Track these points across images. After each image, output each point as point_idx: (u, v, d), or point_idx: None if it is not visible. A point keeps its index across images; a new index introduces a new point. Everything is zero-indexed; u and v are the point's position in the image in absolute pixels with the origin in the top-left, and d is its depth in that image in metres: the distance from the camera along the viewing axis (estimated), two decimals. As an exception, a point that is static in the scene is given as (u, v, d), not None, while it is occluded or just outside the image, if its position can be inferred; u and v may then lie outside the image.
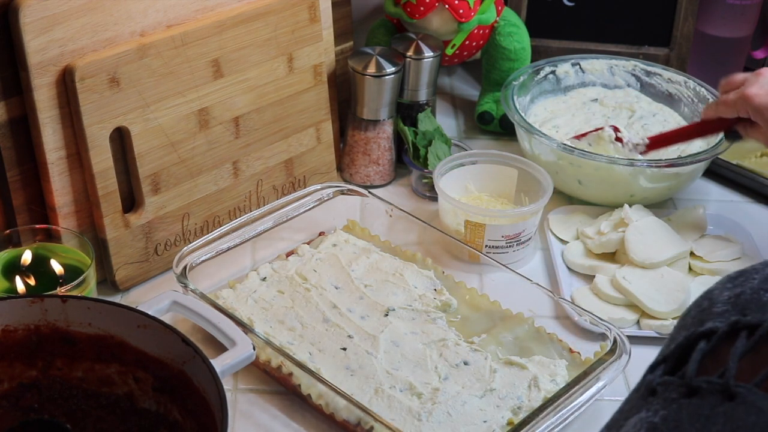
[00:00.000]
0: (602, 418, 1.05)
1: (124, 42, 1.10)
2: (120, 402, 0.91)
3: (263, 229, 1.20)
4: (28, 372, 0.91)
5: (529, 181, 1.29)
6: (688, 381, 0.54)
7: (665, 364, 0.58)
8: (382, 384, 1.02)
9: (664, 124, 1.42)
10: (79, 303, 0.89)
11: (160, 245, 1.18)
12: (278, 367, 1.03)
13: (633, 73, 1.50)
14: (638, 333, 1.14)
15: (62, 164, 1.09)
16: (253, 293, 1.13)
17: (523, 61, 1.49)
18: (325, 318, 1.10)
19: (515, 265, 1.21)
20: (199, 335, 1.02)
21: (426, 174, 1.35)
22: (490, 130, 1.51)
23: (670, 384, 0.55)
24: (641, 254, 1.20)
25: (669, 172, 1.30)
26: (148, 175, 1.14)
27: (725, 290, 0.61)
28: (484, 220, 1.22)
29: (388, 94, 1.34)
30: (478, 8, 1.42)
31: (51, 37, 1.04)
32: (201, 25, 1.15)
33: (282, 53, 1.24)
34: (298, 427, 1.02)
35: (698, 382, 0.54)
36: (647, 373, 0.60)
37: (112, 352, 0.89)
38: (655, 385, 0.56)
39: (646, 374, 0.60)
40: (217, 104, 1.19)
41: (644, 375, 0.60)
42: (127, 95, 1.10)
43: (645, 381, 0.58)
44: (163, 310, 0.95)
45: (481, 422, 0.99)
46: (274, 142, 1.27)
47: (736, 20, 1.57)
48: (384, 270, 1.18)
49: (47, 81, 1.05)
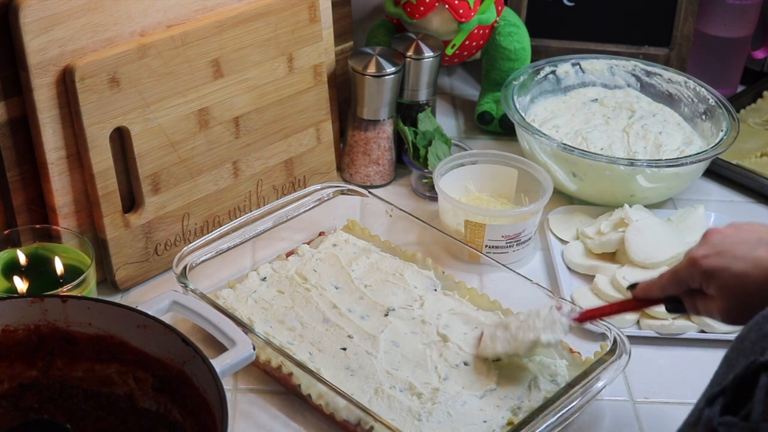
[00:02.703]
0: (602, 418, 1.05)
1: (124, 42, 1.10)
2: (120, 402, 0.91)
3: (263, 229, 1.20)
4: (28, 372, 0.91)
5: (529, 181, 1.29)
6: (754, 426, 0.51)
7: (724, 398, 0.55)
8: (382, 384, 1.02)
9: (664, 124, 1.42)
10: (79, 303, 0.89)
11: (160, 245, 1.18)
12: (278, 367, 1.03)
13: (633, 73, 1.50)
14: (638, 333, 1.14)
15: (62, 164, 1.09)
16: (253, 293, 1.13)
17: (523, 61, 1.49)
18: (325, 318, 1.10)
19: (515, 265, 1.21)
20: (199, 335, 1.02)
21: (426, 174, 1.35)
22: (490, 130, 1.51)
23: (734, 426, 0.52)
24: (641, 254, 1.20)
25: (669, 172, 1.30)
26: (148, 175, 1.14)
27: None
28: (484, 220, 1.22)
29: (388, 94, 1.34)
30: (478, 8, 1.42)
31: (51, 37, 1.04)
32: (201, 25, 1.15)
33: (282, 53, 1.24)
34: (298, 427, 1.02)
35: (766, 429, 0.51)
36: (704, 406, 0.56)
37: (112, 352, 0.89)
38: (716, 425, 0.53)
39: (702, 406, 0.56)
40: (217, 104, 1.19)
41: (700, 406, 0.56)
42: (127, 95, 1.10)
43: (704, 417, 0.55)
44: (163, 310, 0.95)
45: (481, 422, 0.99)
46: (274, 142, 1.27)
47: (736, 20, 1.57)
48: (384, 270, 1.18)
49: (47, 81, 1.05)
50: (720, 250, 0.88)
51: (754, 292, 0.86)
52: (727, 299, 0.88)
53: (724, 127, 1.36)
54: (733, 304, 0.88)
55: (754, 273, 0.85)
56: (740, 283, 0.86)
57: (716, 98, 1.42)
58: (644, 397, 1.08)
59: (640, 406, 1.07)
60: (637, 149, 1.36)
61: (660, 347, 1.14)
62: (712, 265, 0.88)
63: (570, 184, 1.34)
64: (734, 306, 0.88)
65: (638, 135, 1.39)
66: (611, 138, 1.38)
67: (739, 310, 0.88)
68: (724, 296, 0.88)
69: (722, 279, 0.87)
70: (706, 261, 0.88)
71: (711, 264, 0.88)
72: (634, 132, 1.39)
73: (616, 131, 1.40)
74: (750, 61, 1.64)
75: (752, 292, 0.86)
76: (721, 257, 0.88)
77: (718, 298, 0.88)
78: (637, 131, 1.40)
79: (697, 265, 0.89)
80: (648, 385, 1.10)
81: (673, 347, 1.14)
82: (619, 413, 1.06)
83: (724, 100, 1.41)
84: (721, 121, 1.38)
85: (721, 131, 1.36)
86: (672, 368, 1.12)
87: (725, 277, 0.87)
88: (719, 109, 1.40)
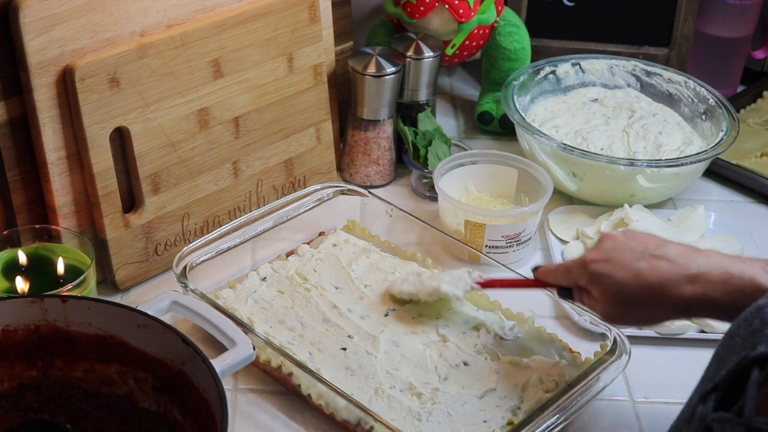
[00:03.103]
0: (602, 418, 1.05)
1: (124, 42, 1.10)
2: (120, 402, 0.91)
3: (263, 229, 1.20)
4: (28, 372, 0.91)
5: (529, 181, 1.29)
6: (748, 421, 0.51)
7: (717, 394, 0.55)
8: (382, 384, 1.02)
9: (664, 124, 1.42)
10: (79, 303, 0.89)
11: (160, 245, 1.18)
12: (278, 367, 1.03)
13: (633, 73, 1.50)
14: (638, 333, 1.14)
15: (62, 164, 1.09)
16: (253, 293, 1.13)
17: (523, 61, 1.49)
18: (325, 318, 1.10)
19: (515, 265, 1.21)
20: (199, 335, 1.02)
21: (426, 174, 1.35)
22: (490, 130, 1.51)
23: (727, 422, 0.52)
24: (641, 254, 1.20)
25: (669, 172, 1.30)
26: (148, 175, 1.14)
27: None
28: (484, 220, 1.22)
29: (388, 94, 1.34)
30: (478, 8, 1.42)
31: (51, 37, 1.04)
32: (201, 25, 1.15)
33: (282, 53, 1.24)
34: (298, 427, 1.02)
35: (759, 423, 0.51)
36: (698, 402, 0.57)
37: (112, 352, 0.89)
38: (710, 422, 0.53)
39: (696, 402, 0.57)
40: (217, 104, 1.19)
41: (693, 402, 0.57)
42: (127, 95, 1.10)
43: (697, 413, 0.55)
44: (163, 310, 0.95)
45: (481, 422, 0.99)
46: (274, 142, 1.27)
47: (736, 20, 1.57)
48: (384, 270, 1.18)
49: (47, 81, 1.05)
50: (608, 257, 0.94)
51: (632, 301, 0.92)
52: (607, 302, 0.94)
53: (724, 127, 1.36)
54: (612, 307, 0.94)
55: (632, 283, 0.91)
56: (620, 291, 0.92)
57: (716, 98, 1.42)
58: (644, 397, 1.08)
59: (640, 406, 1.07)
60: (637, 149, 1.36)
61: (660, 347, 1.14)
62: (599, 270, 0.94)
63: (570, 184, 1.34)
64: (613, 309, 0.94)
65: (638, 135, 1.39)
66: (611, 138, 1.38)
67: (617, 313, 0.95)
68: (605, 299, 0.94)
69: (605, 284, 0.93)
70: (594, 265, 0.94)
71: (597, 269, 0.94)
72: (634, 132, 1.39)
73: (616, 131, 1.40)
74: (750, 61, 1.64)
75: (630, 300, 0.92)
76: (608, 264, 0.93)
77: (600, 300, 0.95)
78: (637, 131, 1.40)
79: (586, 267, 0.95)
80: (648, 385, 1.10)
81: (673, 347, 1.14)
82: (619, 413, 1.06)
83: (724, 100, 1.41)
84: (721, 121, 1.38)
85: (721, 131, 1.36)
86: (672, 368, 1.12)
87: (608, 283, 0.93)
88: (719, 109, 1.40)
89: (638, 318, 0.96)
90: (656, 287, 0.90)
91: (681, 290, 0.89)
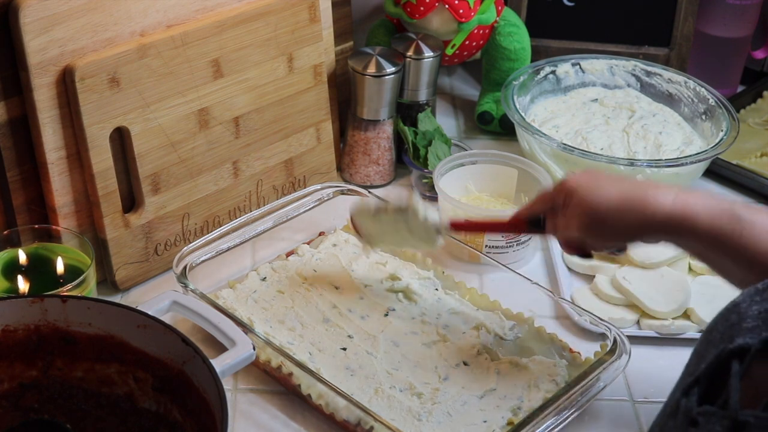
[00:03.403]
0: (602, 418, 1.05)
1: (124, 42, 1.10)
2: (120, 402, 0.91)
3: (263, 229, 1.20)
4: (28, 372, 0.91)
5: (529, 181, 1.29)
6: (733, 414, 0.51)
7: (699, 387, 0.55)
8: (382, 384, 1.02)
9: (664, 124, 1.42)
10: (79, 303, 0.89)
11: (160, 245, 1.18)
12: (278, 367, 1.03)
13: (633, 73, 1.50)
14: (638, 333, 1.14)
15: (62, 164, 1.09)
16: (253, 293, 1.13)
17: (523, 61, 1.49)
18: (325, 318, 1.10)
19: (515, 265, 1.21)
20: (199, 335, 1.02)
21: (426, 174, 1.35)
22: (490, 130, 1.51)
23: (713, 415, 0.52)
24: (641, 254, 1.20)
25: (669, 172, 1.30)
26: (148, 175, 1.14)
27: (754, 303, 0.58)
28: (484, 220, 1.22)
29: (388, 94, 1.34)
30: (478, 8, 1.42)
31: (51, 37, 1.04)
32: (201, 25, 1.15)
33: (282, 53, 1.24)
34: (298, 427, 1.02)
35: (744, 416, 0.51)
36: (680, 396, 0.57)
37: (112, 352, 0.89)
38: (695, 415, 0.53)
39: (678, 396, 0.57)
40: (217, 104, 1.19)
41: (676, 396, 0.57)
42: (127, 95, 1.10)
43: (681, 407, 0.55)
44: (163, 310, 0.95)
45: (481, 422, 0.99)
46: (274, 142, 1.27)
47: (736, 20, 1.57)
48: (384, 270, 1.18)
49: (47, 81, 1.05)
50: (588, 172, 0.97)
51: (610, 211, 0.93)
52: (583, 215, 0.95)
53: (724, 127, 1.36)
54: (588, 220, 0.95)
55: (613, 189, 0.93)
56: (599, 201, 0.93)
57: (716, 98, 1.42)
58: (644, 397, 1.08)
59: (640, 406, 1.07)
60: (637, 149, 1.36)
61: (660, 347, 1.14)
62: (579, 181, 0.96)
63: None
64: (588, 222, 0.95)
65: (638, 135, 1.39)
66: (611, 138, 1.38)
67: (592, 227, 0.95)
68: (582, 212, 0.95)
69: (584, 195, 0.94)
70: (574, 178, 0.96)
71: (578, 180, 0.96)
72: (634, 132, 1.39)
73: (616, 131, 1.40)
74: (750, 61, 1.64)
75: (608, 211, 0.93)
76: (587, 175, 0.96)
77: (575, 215, 0.95)
78: (637, 131, 1.40)
79: (565, 182, 0.97)
80: (648, 385, 1.09)
81: (673, 347, 1.14)
82: (619, 413, 1.06)
83: (724, 100, 1.41)
84: (721, 121, 1.38)
85: (721, 131, 1.36)
86: (672, 368, 1.11)
87: (588, 191, 0.94)
88: (719, 109, 1.40)
89: (614, 232, 0.95)
90: (638, 192, 0.91)
91: (662, 198, 0.89)
